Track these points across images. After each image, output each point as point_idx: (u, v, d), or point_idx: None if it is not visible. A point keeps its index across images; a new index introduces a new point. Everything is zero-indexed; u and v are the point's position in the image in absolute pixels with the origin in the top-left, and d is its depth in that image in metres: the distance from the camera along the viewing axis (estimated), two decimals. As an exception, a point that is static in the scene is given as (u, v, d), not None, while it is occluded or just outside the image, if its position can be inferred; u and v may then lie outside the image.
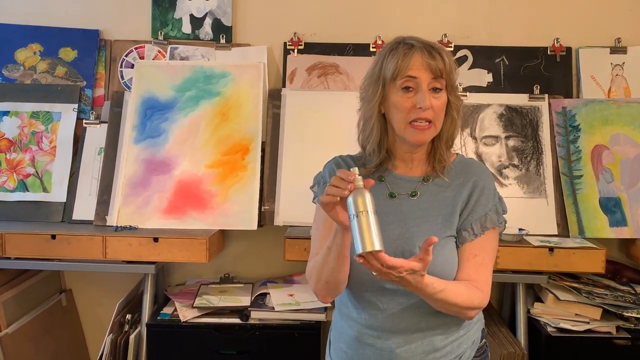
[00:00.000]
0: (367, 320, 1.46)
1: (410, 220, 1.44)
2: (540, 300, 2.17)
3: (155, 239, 2.09)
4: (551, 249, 2.04)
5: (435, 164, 1.49)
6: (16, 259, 2.16)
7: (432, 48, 1.42)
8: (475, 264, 1.43)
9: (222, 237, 2.33)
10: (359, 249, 1.21)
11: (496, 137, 2.36)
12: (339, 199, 1.26)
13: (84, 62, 2.53)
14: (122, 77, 2.53)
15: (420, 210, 1.46)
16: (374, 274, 1.25)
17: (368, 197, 1.24)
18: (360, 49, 2.48)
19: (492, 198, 1.48)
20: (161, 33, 2.53)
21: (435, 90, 1.42)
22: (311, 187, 1.60)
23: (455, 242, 1.45)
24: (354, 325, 1.49)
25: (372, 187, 1.48)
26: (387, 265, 1.22)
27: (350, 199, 1.24)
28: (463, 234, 1.45)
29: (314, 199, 1.58)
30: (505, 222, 1.51)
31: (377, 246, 1.20)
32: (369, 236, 1.20)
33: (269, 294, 2.25)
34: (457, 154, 1.55)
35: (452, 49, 2.46)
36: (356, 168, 1.27)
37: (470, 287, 1.41)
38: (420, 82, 1.40)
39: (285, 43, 2.50)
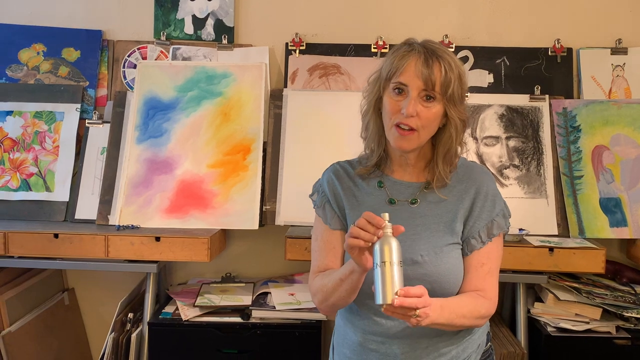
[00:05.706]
0: (371, 327, 1.45)
1: (411, 228, 1.39)
2: (540, 300, 2.18)
3: (157, 239, 2.10)
4: (551, 249, 2.04)
5: (434, 183, 1.44)
6: (19, 257, 2.17)
7: (433, 54, 1.35)
8: (483, 273, 1.42)
9: (224, 237, 2.34)
10: (379, 300, 1.21)
11: (497, 138, 2.37)
12: (370, 244, 1.23)
13: (86, 62, 2.54)
14: (125, 77, 2.54)
15: (421, 218, 1.43)
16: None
17: (395, 245, 1.22)
18: (362, 50, 2.48)
19: (497, 203, 1.45)
20: (163, 33, 2.54)
21: (427, 98, 1.36)
22: (310, 196, 1.57)
23: (462, 249, 1.43)
24: (358, 331, 1.47)
25: (371, 194, 1.46)
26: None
27: (377, 246, 1.22)
28: (472, 242, 1.43)
29: (314, 206, 1.55)
30: (509, 225, 1.49)
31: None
32: (391, 288, 1.21)
33: (270, 293, 2.26)
34: (458, 156, 1.51)
35: (453, 49, 2.47)
36: (386, 214, 1.24)
37: (475, 299, 1.40)
38: (409, 89, 1.36)
39: (287, 44, 2.51)
